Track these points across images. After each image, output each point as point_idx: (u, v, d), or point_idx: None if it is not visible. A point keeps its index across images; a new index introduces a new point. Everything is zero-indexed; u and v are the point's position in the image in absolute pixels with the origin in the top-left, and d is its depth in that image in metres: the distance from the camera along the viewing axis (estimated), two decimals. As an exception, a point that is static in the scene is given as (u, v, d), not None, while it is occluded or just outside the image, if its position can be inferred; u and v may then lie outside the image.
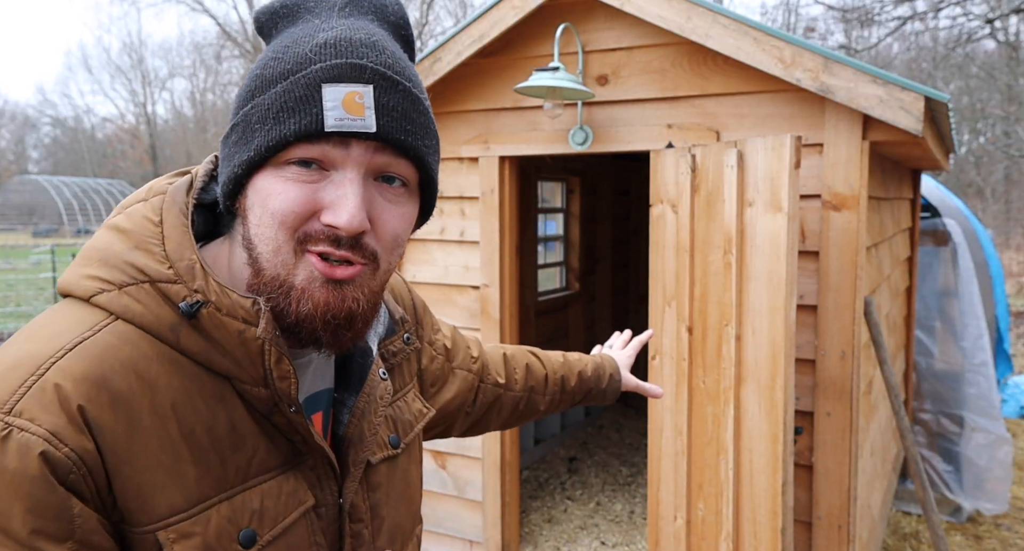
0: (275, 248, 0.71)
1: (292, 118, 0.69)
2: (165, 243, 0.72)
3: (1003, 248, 16.17)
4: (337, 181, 0.71)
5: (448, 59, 3.14)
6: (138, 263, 0.71)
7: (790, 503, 2.32)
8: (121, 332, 0.69)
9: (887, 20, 12.21)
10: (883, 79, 2.38)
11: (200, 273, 0.71)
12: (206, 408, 0.71)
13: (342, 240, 0.71)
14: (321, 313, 0.71)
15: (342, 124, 0.69)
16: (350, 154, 0.71)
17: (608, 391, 1.40)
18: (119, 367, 0.67)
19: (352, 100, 0.69)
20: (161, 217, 0.74)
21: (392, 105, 0.71)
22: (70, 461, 0.62)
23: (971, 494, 4.39)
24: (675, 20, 2.68)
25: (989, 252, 6.20)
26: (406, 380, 1.00)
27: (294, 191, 0.70)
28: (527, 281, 5.12)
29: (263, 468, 0.75)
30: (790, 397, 2.31)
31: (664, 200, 2.74)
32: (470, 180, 3.30)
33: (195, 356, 0.71)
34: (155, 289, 0.70)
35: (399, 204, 0.76)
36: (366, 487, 0.87)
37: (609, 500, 4.48)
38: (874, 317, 2.82)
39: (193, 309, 0.70)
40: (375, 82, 0.71)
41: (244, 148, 0.72)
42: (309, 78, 0.70)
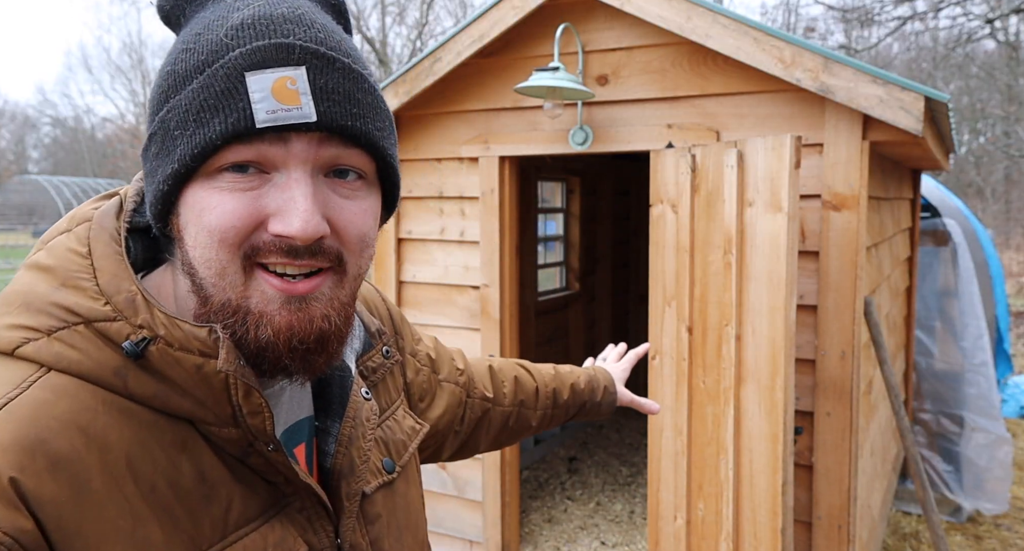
0: (219, 270, 0.61)
1: (216, 117, 0.59)
2: (97, 276, 0.62)
3: (1003, 248, 16.17)
4: (281, 184, 0.61)
5: (448, 59, 3.14)
6: (67, 303, 0.61)
7: (790, 503, 2.32)
8: (56, 385, 0.58)
9: (887, 20, 12.21)
10: (883, 79, 2.38)
11: (143, 305, 0.61)
12: (167, 459, 0.61)
13: (299, 250, 0.61)
14: (285, 339, 0.62)
15: (276, 117, 0.59)
16: (290, 151, 0.61)
17: (603, 405, 1.32)
18: (57, 426, 0.56)
19: (283, 87, 0.59)
20: (89, 247, 0.64)
21: (332, 87, 0.61)
22: (4, 547, 0.52)
23: (971, 494, 4.39)
24: (675, 20, 2.68)
25: (989, 252, 6.20)
26: (392, 397, 0.91)
27: (231, 202, 0.60)
28: (527, 281, 5.12)
29: (243, 519, 0.65)
30: (790, 397, 2.31)
31: (664, 200, 2.74)
32: (470, 180, 3.30)
33: (148, 401, 0.61)
34: (91, 330, 0.60)
35: (358, 199, 0.66)
36: (363, 521, 0.77)
37: (609, 500, 4.48)
38: (874, 317, 2.82)
39: (139, 348, 0.60)
40: (307, 62, 0.60)
41: (166, 160, 0.62)
42: (228, 68, 0.59)
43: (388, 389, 0.91)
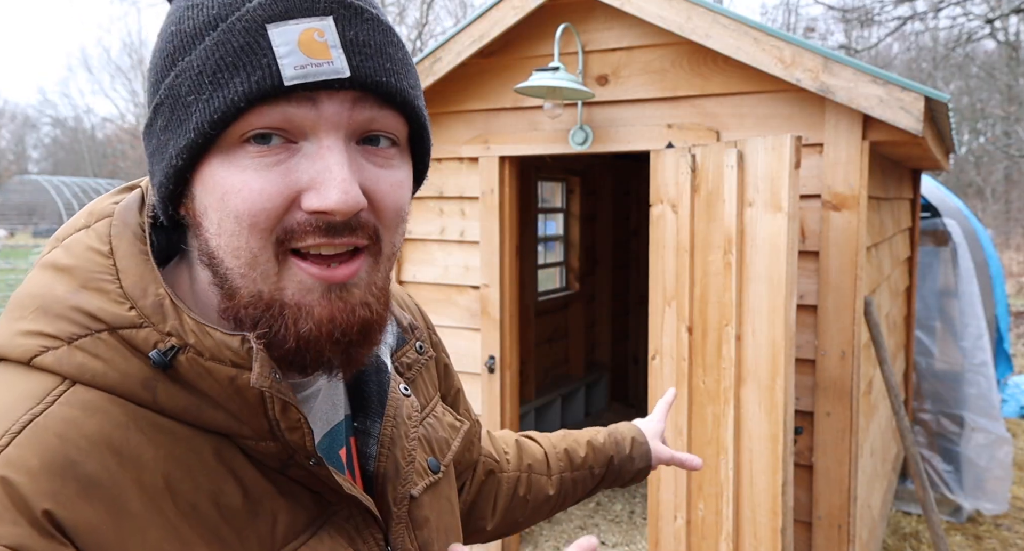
0: (249, 260, 0.55)
1: (236, 77, 0.52)
2: (121, 278, 0.56)
3: (1003, 248, 16.17)
4: (311, 154, 0.54)
5: (448, 59, 3.14)
6: (88, 307, 0.55)
7: (790, 503, 2.32)
8: (83, 400, 0.53)
9: (887, 20, 12.21)
10: (883, 79, 2.38)
11: (171, 310, 0.55)
12: (206, 477, 0.56)
13: (337, 226, 0.54)
14: (327, 332, 0.56)
15: (305, 72, 0.51)
16: (321, 113, 0.54)
17: (636, 458, 1.13)
18: (87, 445, 0.51)
19: (311, 39, 0.52)
20: (111, 245, 0.58)
21: (363, 39, 0.54)
22: None
23: (971, 494, 4.39)
24: (675, 20, 2.68)
25: (989, 252, 6.20)
26: (430, 393, 0.85)
27: (257, 181, 0.53)
28: (527, 281, 5.12)
29: (291, 534, 0.60)
30: (790, 397, 2.31)
31: (664, 200, 2.74)
32: (470, 180, 3.30)
33: (180, 415, 0.56)
34: (116, 338, 0.54)
35: (393, 168, 0.59)
36: (412, 525, 0.71)
37: (609, 500, 4.48)
38: (874, 317, 2.82)
39: (168, 357, 0.54)
40: (335, 12, 0.53)
41: (179, 131, 0.54)
42: (247, 20, 0.52)
43: (425, 385, 0.84)
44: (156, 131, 0.57)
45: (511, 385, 3.36)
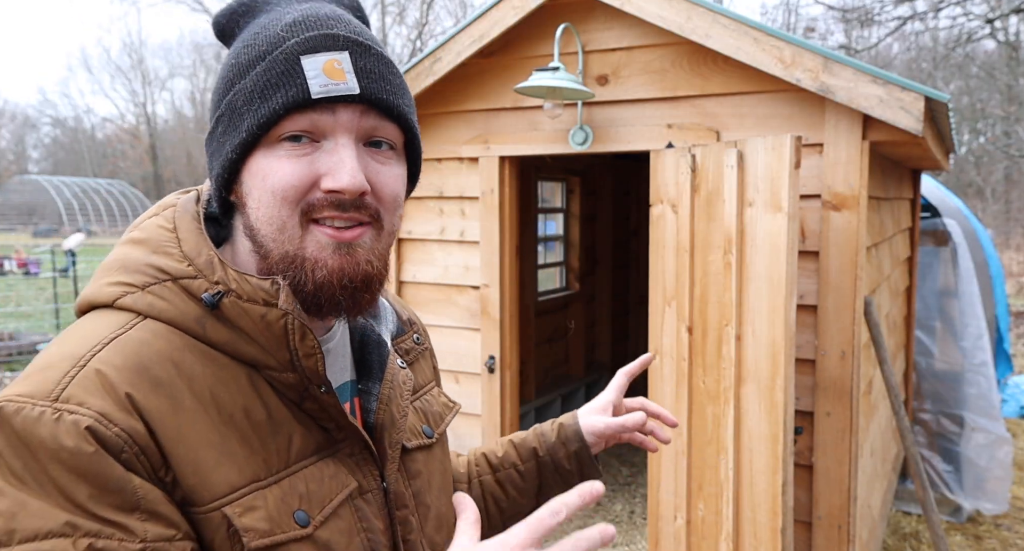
0: (280, 225, 0.73)
1: (278, 92, 0.71)
2: (181, 245, 0.75)
3: (1003, 248, 16.17)
4: (329, 149, 0.73)
5: (448, 59, 3.14)
6: (158, 263, 0.74)
7: (790, 503, 2.32)
8: (152, 328, 0.71)
9: (887, 20, 12.20)
10: (883, 79, 2.38)
11: (219, 265, 0.73)
12: (242, 395, 0.73)
13: (346, 203, 0.73)
14: (337, 278, 0.73)
15: (327, 89, 0.71)
16: (338, 120, 0.73)
17: (567, 442, 1.09)
18: (156, 357, 0.69)
19: (332, 66, 0.72)
20: (174, 224, 0.77)
21: (369, 68, 0.74)
22: (121, 440, 0.64)
23: (971, 494, 4.39)
24: (675, 20, 2.68)
25: (989, 252, 6.20)
26: (428, 376, 1.02)
27: (289, 166, 0.72)
28: (527, 281, 5.12)
29: (302, 454, 0.75)
30: (790, 397, 2.31)
31: (664, 200, 2.74)
32: (470, 180, 3.30)
33: (223, 347, 0.73)
34: (177, 286, 0.73)
35: (390, 165, 0.78)
36: (407, 474, 0.87)
37: (609, 500, 4.48)
38: (874, 317, 2.82)
39: (216, 299, 0.72)
40: (350, 48, 0.73)
41: (234, 132, 0.73)
42: (287, 53, 0.72)
43: (423, 370, 1.01)
44: (217, 136, 0.76)
45: (511, 385, 3.36)
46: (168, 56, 55.73)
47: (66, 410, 0.63)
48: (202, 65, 39.91)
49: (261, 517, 0.69)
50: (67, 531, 0.60)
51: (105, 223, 32.58)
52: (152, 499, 0.64)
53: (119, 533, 0.62)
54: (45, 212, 32.85)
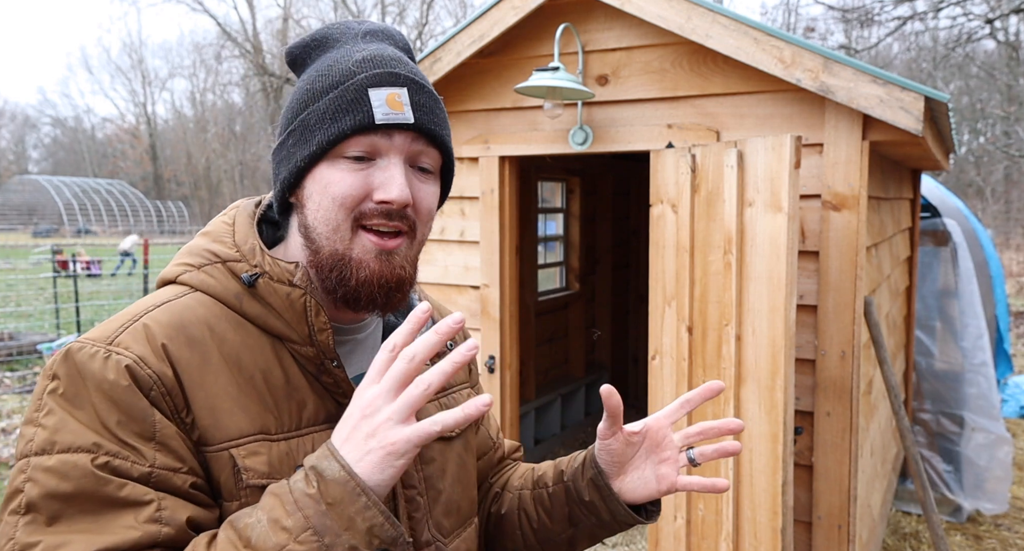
0: (334, 227, 0.85)
1: (347, 116, 0.84)
2: (235, 235, 0.90)
3: (1003, 248, 16.17)
4: (383, 167, 0.86)
5: (448, 59, 3.14)
6: (213, 249, 0.89)
7: (790, 503, 2.32)
8: (199, 299, 0.86)
9: (887, 20, 12.21)
10: (883, 79, 2.38)
11: (259, 252, 0.87)
12: (264, 361, 0.86)
13: (392, 213, 0.85)
14: (377, 279, 0.85)
15: (388, 117, 0.84)
16: (393, 143, 0.85)
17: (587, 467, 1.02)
18: (195, 320, 0.84)
19: (393, 99, 0.85)
20: (234, 220, 0.93)
21: (422, 102, 0.87)
22: (151, 380, 0.78)
23: (971, 494, 4.39)
24: (675, 20, 2.68)
25: (989, 252, 6.20)
26: (461, 378, 1.11)
27: (350, 178, 0.85)
28: (527, 281, 5.12)
29: (313, 420, 0.87)
30: (790, 397, 2.31)
31: (664, 200, 2.74)
32: (470, 180, 3.30)
33: (255, 320, 0.87)
34: (225, 267, 0.88)
35: (428, 184, 0.90)
36: (419, 459, 0.96)
37: (609, 500, 4.47)
38: (874, 317, 2.82)
39: (252, 279, 0.86)
40: (408, 85, 0.87)
41: (305, 146, 0.86)
42: (357, 85, 0.85)
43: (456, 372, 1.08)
44: (287, 146, 0.89)
45: (511, 385, 3.36)
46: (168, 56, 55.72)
47: (115, 351, 0.78)
48: (202, 65, 39.89)
49: (262, 462, 0.81)
50: (93, 449, 0.74)
51: (105, 223, 32.55)
52: (167, 434, 0.77)
53: (133, 456, 0.75)
54: (45, 212, 32.85)
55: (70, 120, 45.64)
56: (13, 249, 23.69)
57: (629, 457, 1.00)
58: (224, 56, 34.53)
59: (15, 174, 40.16)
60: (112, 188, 34.46)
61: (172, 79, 56.21)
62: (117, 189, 34.78)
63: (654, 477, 1.00)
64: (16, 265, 18.58)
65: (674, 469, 1.00)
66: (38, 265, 18.34)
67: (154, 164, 40.55)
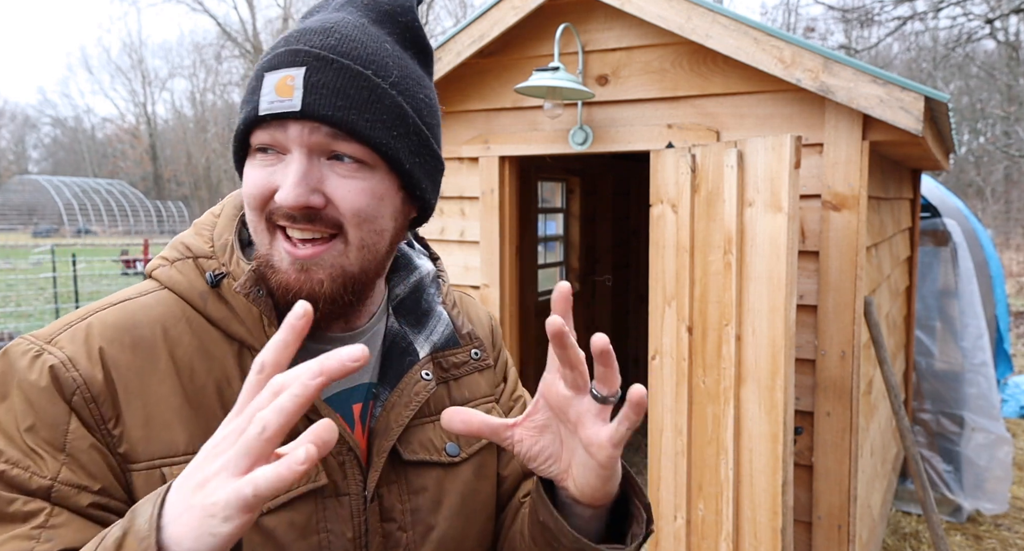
0: (255, 228, 0.77)
1: (245, 108, 0.76)
2: (215, 229, 0.83)
3: (1003, 248, 16.17)
4: (287, 161, 0.75)
5: (448, 59, 3.14)
6: (188, 242, 0.82)
7: (790, 503, 2.32)
8: (161, 297, 0.79)
9: (887, 20, 12.21)
10: (883, 79, 2.38)
11: (229, 249, 0.80)
12: (223, 369, 0.77)
13: (295, 215, 0.73)
14: (283, 291, 0.76)
15: (271, 106, 0.72)
16: (288, 134, 0.73)
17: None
18: (148, 321, 0.77)
19: (284, 84, 0.72)
20: (221, 211, 0.86)
21: (323, 83, 0.72)
22: (75, 383, 0.70)
23: (971, 494, 4.39)
24: (675, 20, 2.68)
25: (989, 252, 6.20)
26: (483, 391, 0.96)
27: (255, 175, 0.76)
28: (527, 281, 5.12)
29: None
30: (790, 397, 2.31)
31: (664, 200, 2.74)
32: (470, 180, 3.30)
33: (218, 322, 0.78)
34: (196, 264, 0.80)
35: (356, 179, 0.75)
36: (406, 489, 0.84)
37: (609, 500, 4.47)
38: (874, 317, 2.82)
39: (216, 279, 0.78)
40: (308, 64, 0.72)
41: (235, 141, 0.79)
42: (258, 69, 0.76)
43: (478, 384, 0.97)
44: None
45: (511, 385, 3.35)
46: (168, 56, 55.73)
47: (47, 350, 0.72)
48: (202, 65, 39.91)
49: None
50: None
51: (105, 223, 32.55)
52: (79, 447, 0.69)
53: (35, 466, 0.67)
54: (45, 212, 32.84)
55: (70, 120, 45.64)
56: (13, 249, 23.69)
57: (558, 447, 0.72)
58: (224, 56, 34.55)
59: (15, 174, 40.17)
60: (112, 188, 34.46)
61: (172, 79, 56.23)
62: (117, 189, 34.78)
63: (586, 453, 0.69)
64: (16, 265, 18.58)
65: (596, 425, 0.68)
66: (38, 265, 18.34)
67: (154, 164, 40.56)
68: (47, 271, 15.48)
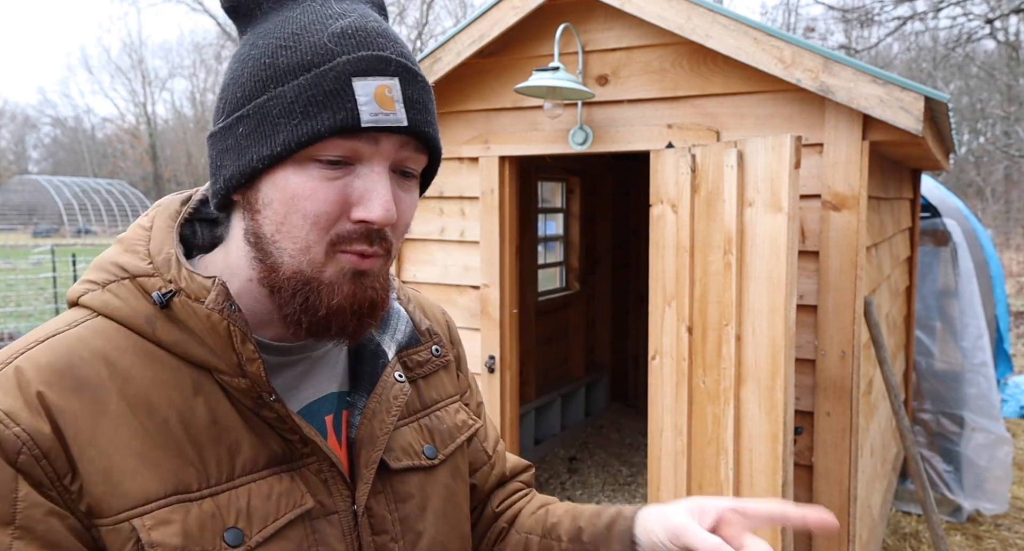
0: (304, 246, 0.69)
1: (324, 113, 0.66)
2: (150, 243, 0.74)
3: (1003, 248, 16.17)
4: (364, 175, 0.69)
5: (448, 59, 3.14)
6: (121, 261, 0.73)
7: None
8: (97, 326, 0.70)
9: (887, 20, 12.21)
10: (883, 79, 2.38)
11: (175, 264, 0.71)
12: (182, 399, 0.69)
13: (374, 235, 0.70)
14: (350, 304, 0.71)
15: (377, 119, 0.67)
16: (379, 149, 0.69)
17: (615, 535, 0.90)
18: (88, 356, 0.67)
19: (383, 94, 0.68)
20: (152, 223, 0.76)
21: (416, 98, 0.71)
22: (20, 441, 0.61)
23: (971, 494, 4.39)
24: (675, 20, 2.68)
25: (989, 252, 6.20)
26: (448, 390, 0.95)
27: (324, 191, 0.68)
28: (527, 281, 5.12)
29: (252, 466, 0.71)
30: (790, 397, 2.31)
31: (664, 200, 2.74)
32: (470, 180, 3.30)
33: (172, 348, 0.70)
34: (134, 284, 0.71)
35: (411, 193, 0.75)
36: (393, 497, 0.81)
37: (609, 500, 4.47)
38: (874, 317, 2.82)
39: (165, 298, 0.69)
40: (400, 74, 0.69)
41: (264, 142, 0.68)
42: (337, 71, 0.67)
43: (443, 383, 0.95)
44: (237, 135, 0.70)
45: (511, 385, 3.36)
46: (168, 56, 55.75)
47: None
48: (202, 65, 39.92)
49: (175, 532, 0.64)
50: None
51: (105, 223, 32.57)
52: (32, 515, 0.60)
53: None
54: (45, 212, 32.84)
55: (70, 120, 45.65)
56: (13, 249, 23.69)
57: None
58: (224, 56, 34.56)
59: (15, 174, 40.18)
60: (112, 188, 34.47)
61: (172, 79, 56.26)
62: (117, 189, 34.79)
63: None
64: (16, 265, 18.58)
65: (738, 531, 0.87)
66: (38, 265, 18.35)
67: (154, 164, 40.58)
68: (47, 271, 15.48)
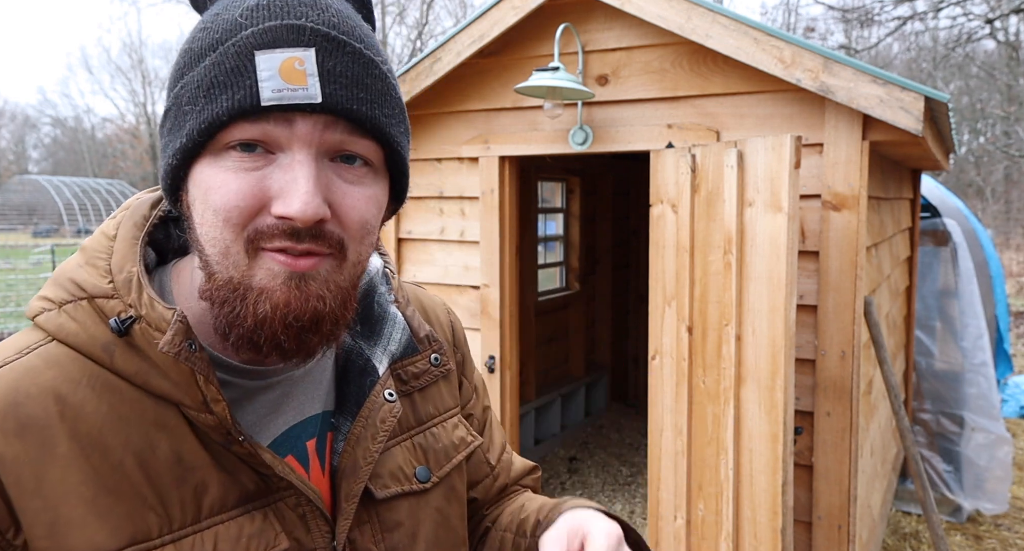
0: (223, 249, 0.61)
1: (224, 94, 0.59)
2: (112, 256, 0.66)
3: (1003, 248, 16.17)
4: (285, 165, 0.60)
5: (448, 59, 3.14)
6: (79, 278, 0.65)
7: (790, 503, 2.32)
8: (50, 354, 0.63)
9: (887, 20, 12.21)
10: (883, 79, 2.38)
11: (136, 286, 0.63)
12: (141, 437, 0.62)
13: (300, 232, 0.60)
14: (281, 314, 0.61)
15: (281, 96, 0.58)
16: (295, 132, 0.60)
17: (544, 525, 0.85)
18: (36, 392, 0.60)
19: (291, 67, 0.58)
20: (117, 231, 0.68)
21: (340, 70, 0.60)
22: None
23: (971, 494, 4.39)
24: (675, 20, 2.68)
25: (989, 252, 6.20)
26: (447, 403, 0.87)
27: (235, 182, 0.60)
28: (527, 281, 5.12)
29: (220, 506, 0.64)
30: (790, 397, 2.31)
31: (664, 200, 2.74)
32: (470, 180, 3.30)
33: (132, 379, 0.63)
34: (92, 306, 0.64)
35: (363, 185, 0.65)
36: (380, 527, 0.75)
37: (609, 500, 4.47)
38: (874, 317, 2.83)
39: (124, 325, 0.62)
40: (317, 44, 0.59)
41: (177, 134, 0.62)
42: (240, 45, 0.59)
43: (441, 395, 0.86)
44: (164, 132, 0.65)
45: (511, 385, 3.36)
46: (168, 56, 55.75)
47: None
48: (202, 65, 39.93)
49: None
50: None
51: (105, 223, 32.54)
52: None
53: None
54: (45, 212, 32.83)
55: (70, 120, 45.66)
56: (13, 249, 23.69)
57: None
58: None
59: (15, 174, 40.17)
60: (112, 188, 34.47)
61: (172, 79, 56.22)
62: (117, 189, 34.80)
63: None
64: (16, 265, 18.58)
65: None
66: (38, 265, 18.35)
67: (154, 164, 40.55)
68: (47, 271, 15.48)
